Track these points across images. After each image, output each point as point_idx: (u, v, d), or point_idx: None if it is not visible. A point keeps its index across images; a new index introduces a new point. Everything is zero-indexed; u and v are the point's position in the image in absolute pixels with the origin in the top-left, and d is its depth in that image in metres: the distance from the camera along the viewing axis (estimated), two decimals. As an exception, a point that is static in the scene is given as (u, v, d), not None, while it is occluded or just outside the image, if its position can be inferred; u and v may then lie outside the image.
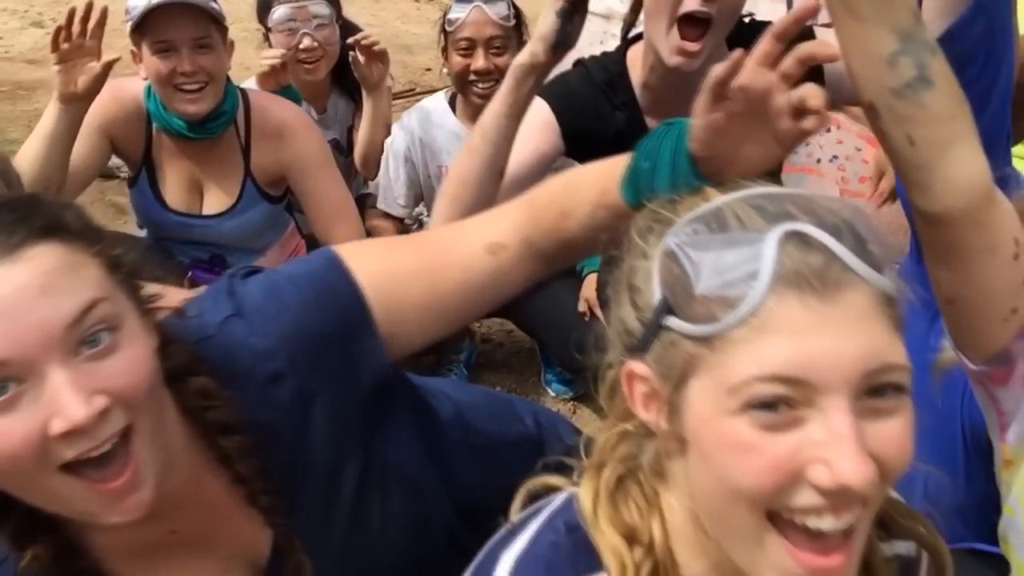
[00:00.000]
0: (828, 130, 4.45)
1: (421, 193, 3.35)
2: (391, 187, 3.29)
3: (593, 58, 2.31)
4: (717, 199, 1.00)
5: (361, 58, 3.15)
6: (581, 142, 2.18)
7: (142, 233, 3.06)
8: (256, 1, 3.43)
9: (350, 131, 3.57)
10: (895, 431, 0.93)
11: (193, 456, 1.21)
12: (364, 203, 3.48)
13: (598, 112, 2.22)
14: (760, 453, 0.91)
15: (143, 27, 2.58)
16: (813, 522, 0.92)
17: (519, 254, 1.35)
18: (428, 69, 5.93)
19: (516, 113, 1.90)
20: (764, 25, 2.27)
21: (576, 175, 1.37)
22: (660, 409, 1.00)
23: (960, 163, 1.17)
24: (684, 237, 0.97)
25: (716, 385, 0.93)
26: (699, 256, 0.94)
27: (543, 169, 2.15)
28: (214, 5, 2.63)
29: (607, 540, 1.04)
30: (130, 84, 2.76)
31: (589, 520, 1.05)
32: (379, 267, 1.33)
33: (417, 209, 3.45)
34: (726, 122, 1.14)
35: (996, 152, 1.58)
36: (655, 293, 0.98)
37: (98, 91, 2.48)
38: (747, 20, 2.22)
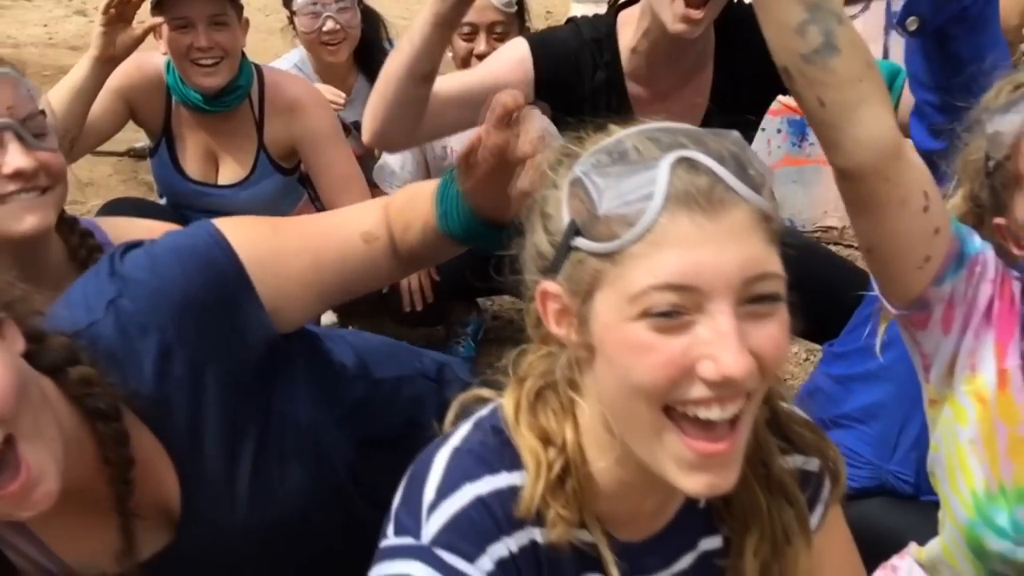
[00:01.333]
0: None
1: (429, 173, 3.45)
2: (386, 165, 3.38)
3: (584, 17, 2.39)
4: (618, 133, 1.11)
5: None
6: (556, 92, 2.23)
7: (162, 202, 3.19)
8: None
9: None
10: (771, 332, 1.05)
11: (91, 434, 1.28)
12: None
13: (579, 66, 2.29)
14: (657, 352, 1.03)
15: (163, 4, 2.72)
16: (703, 413, 1.04)
17: (387, 247, 1.44)
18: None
19: (441, 23, 1.97)
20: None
21: (419, 191, 1.48)
22: (570, 323, 1.11)
23: (867, 123, 1.28)
24: (589, 166, 1.08)
25: (618, 296, 1.05)
26: (602, 182, 1.06)
27: None
28: None
29: (526, 442, 1.16)
30: (153, 57, 2.89)
31: (511, 425, 1.18)
32: (262, 244, 1.39)
33: None
34: (484, 181, 1.31)
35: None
36: (564, 218, 1.09)
37: (131, 53, 2.61)
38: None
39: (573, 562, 1.18)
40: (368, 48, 3.53)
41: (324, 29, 3.38)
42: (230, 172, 3.01)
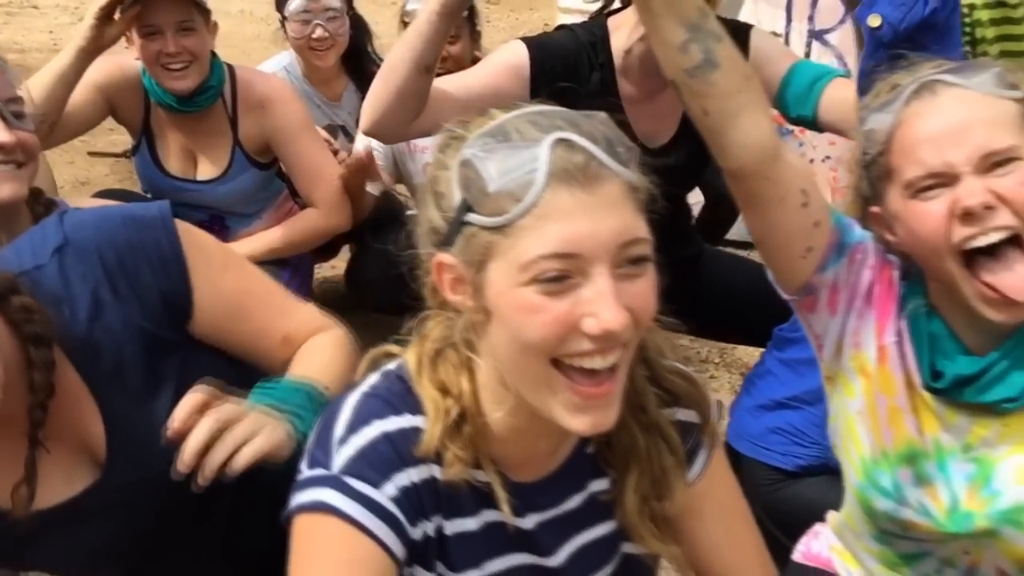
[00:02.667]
0: (821, 131, 4.56)
1: (399, 170, 3.58)
2: None
3: (576, 23, 2.52)
4: (500, 117, 1.25)
5: None
6: (554, 93, 2.36)
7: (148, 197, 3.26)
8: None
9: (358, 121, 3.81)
10: (642, 289, 1.19)
11: (24, 362, 1.38)
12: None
13: (577, 67, 2.41)
14: (546, 312, 1.16)
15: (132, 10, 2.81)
16: (588, 363, 1.18)
17: (287, 362, 1.57)
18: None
19: (448, 13, 2.09)
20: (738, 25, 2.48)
21: (303, 362, 1.61)
22: (466, 291, 1.24)
23: (746, 129, 1.40)
24: (476, 149, 1.20)
25: (510, 264, 1.17)
26: (489, 162, 1.18)
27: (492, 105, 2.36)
28: None
29: (427, 391, 1.29)
30: (133, 60, 2.99)
31: (414, 377, 1.31)
32: (204, 257, 1.52)
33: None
34: None
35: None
36: (455, 196, 1.22)
37: (112, 45, 2.76)
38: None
39: (471, 498, 1.31)
40: (357, 54, 3.68)
41: (313, 36, 3.53)
42: (208, 168, 3.11)
